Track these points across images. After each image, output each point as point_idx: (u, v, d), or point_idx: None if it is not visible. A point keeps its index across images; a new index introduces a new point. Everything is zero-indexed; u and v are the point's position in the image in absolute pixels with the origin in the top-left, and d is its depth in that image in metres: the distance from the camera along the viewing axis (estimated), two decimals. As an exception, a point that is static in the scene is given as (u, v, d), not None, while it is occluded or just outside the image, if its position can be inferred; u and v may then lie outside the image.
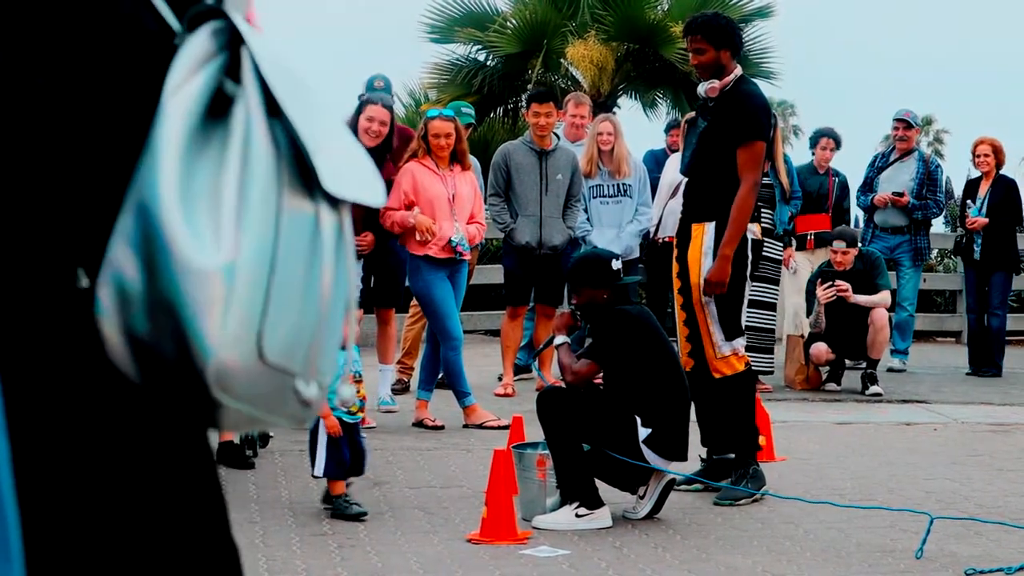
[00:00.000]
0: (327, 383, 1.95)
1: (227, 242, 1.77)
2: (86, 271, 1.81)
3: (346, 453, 7.18)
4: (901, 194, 14.02)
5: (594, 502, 7.11)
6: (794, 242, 13.40)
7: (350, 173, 1.96)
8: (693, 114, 8.41)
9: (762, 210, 11.63)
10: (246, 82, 1.85)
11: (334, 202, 1.91)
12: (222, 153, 1.82)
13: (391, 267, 10.52)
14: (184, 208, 1.78)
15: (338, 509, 7.19)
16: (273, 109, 1.85)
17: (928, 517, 6.86)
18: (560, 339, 7.54)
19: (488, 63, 21.67)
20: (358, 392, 7.28)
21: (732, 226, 7.80)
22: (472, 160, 10.97)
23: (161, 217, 1.75)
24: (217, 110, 1.84)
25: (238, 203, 1.82)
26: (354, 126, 9.95)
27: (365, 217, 9.95)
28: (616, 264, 7.47)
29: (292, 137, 1.85)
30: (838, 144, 14.03)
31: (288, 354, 1.83)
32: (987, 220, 13.97)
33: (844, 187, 14.02)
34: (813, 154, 14.02)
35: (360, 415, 7.39)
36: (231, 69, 1.85)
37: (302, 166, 1.86)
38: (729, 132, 7.85)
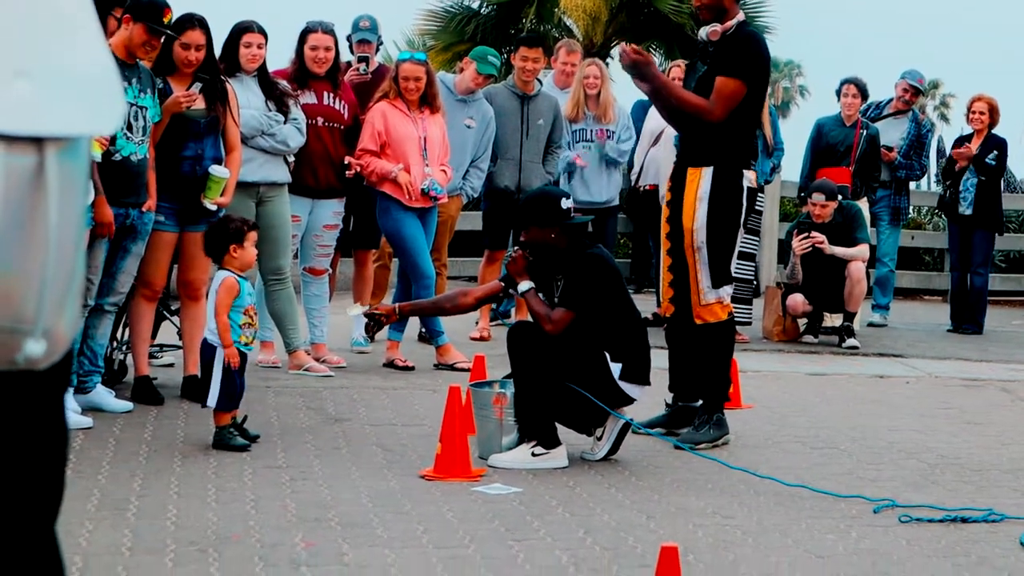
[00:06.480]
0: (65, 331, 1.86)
1: None
2: None
3: (239, 385, 7.25)
4: (890, 149, 13.92)
5: (551, 441, 7.08)
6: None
7: (57, 103, 1.81)
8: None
9: (752, 163, 11.59)
10: None
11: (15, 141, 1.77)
12: None
13: (370, 209, 10.46)
14: None
15: (222, 440, 7.19)
16: None
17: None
18: (525, 285, 7.29)
19: (481, 11, 21.54)
20: (251, 324, 7.32)
21: (672, 88, 7.87)
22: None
23: None
24: None
25: None
26: (300, 56, 9.89)
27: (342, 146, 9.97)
28: (566, 203, 7.27)
29: None
30: (862, 92, 13.56)
31: None
32: (974, 151, 13.77)
33: (872, 141, 13.38)
34: (840, 105, 13.56)
35: (252, 346, 7.47)
36: None
37: None
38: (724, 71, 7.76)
